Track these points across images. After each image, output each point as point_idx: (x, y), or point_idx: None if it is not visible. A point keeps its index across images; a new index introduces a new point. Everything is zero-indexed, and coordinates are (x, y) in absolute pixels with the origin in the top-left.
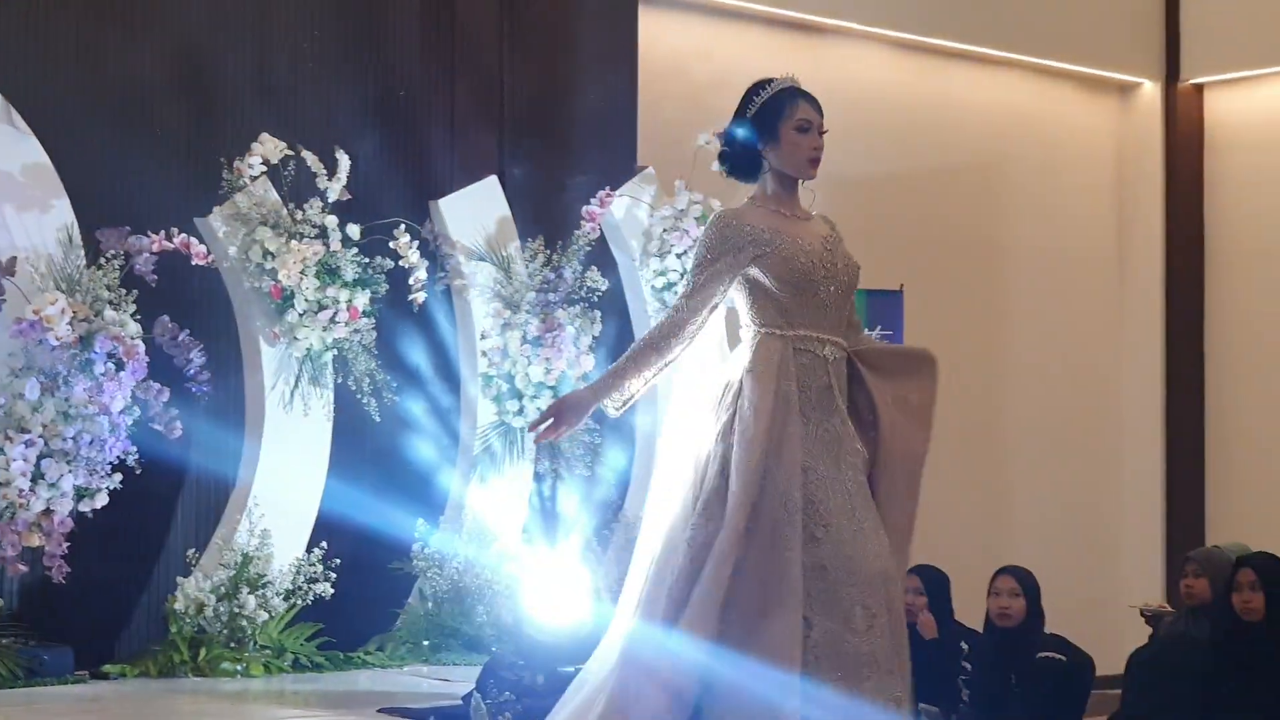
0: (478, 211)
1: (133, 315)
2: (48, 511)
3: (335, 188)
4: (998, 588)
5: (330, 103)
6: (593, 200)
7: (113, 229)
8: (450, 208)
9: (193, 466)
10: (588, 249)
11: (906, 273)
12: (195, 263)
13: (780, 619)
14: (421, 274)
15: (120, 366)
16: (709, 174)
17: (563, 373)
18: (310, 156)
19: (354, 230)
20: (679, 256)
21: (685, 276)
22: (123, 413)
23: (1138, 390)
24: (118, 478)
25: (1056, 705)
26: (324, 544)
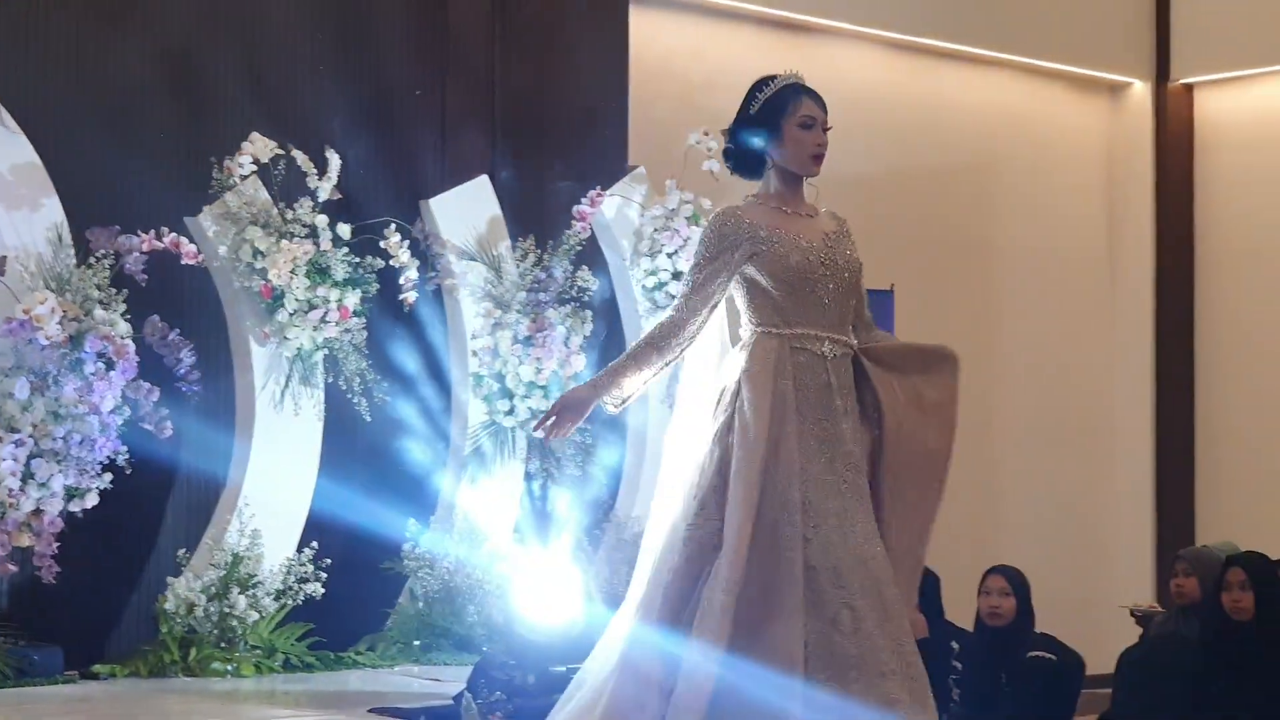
0: (468, 211)
1: (123, 315)
2: (38, 511)
3: (325, 187)
4: (988, 587)
5: (321, 102)
6: (583, 200)
7: (103, 228)
8: (441, 207)
9: (183, 466)
10: (578, 248)
11: (897, 272)
12: (185, 262)
13: (782, 622)
14: (412, 273)
15: (110, 366)
16: (700, 173)
17: (553, 372)
18: (300, 156)
19: (344, 230)
20: (670, 256)
21: (685, 276)
22: (113, 412)
23: (1128, 390)
24: (108, 477)
25: (1047, 704)
26: (315, 544)
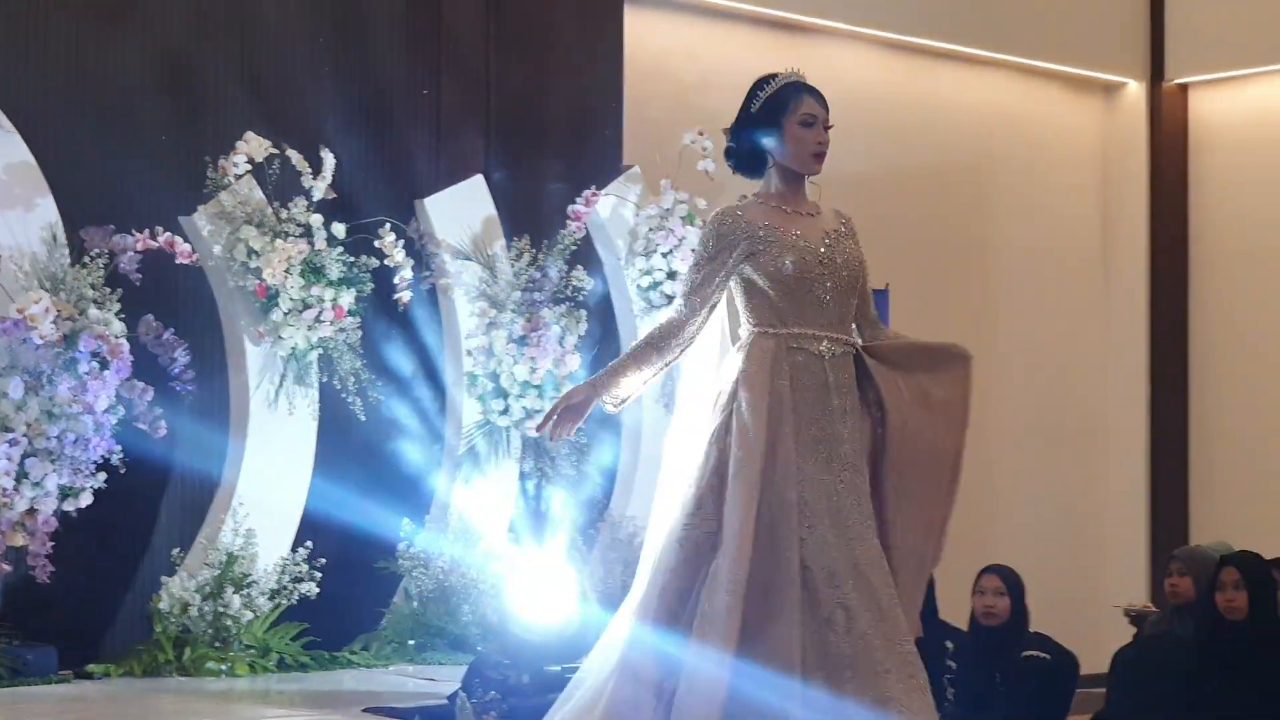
0: (463, 210)
1: (117, 314)
2: (32, 511)
3: (320, 186)
4: (983, 586)
5: (315, 102)
6: (578, 199)
7: (97, 227)
8: (436, 207)
9: (177, 466)
10: (573, 248)
11: (893, 272)
12: (180, 261)
13: (780, 623)
14: (407, 273)
15: (104, 365)
16: (695, 173)
17: (548, 372)
18: (295, 155)
19: (339, 229)
20: (664, 256)
21: (685, 276)
22: (107, 412)
23: (1123, 389)
24: (102, 477)
25: (1041, 704)
26: (309, 543)
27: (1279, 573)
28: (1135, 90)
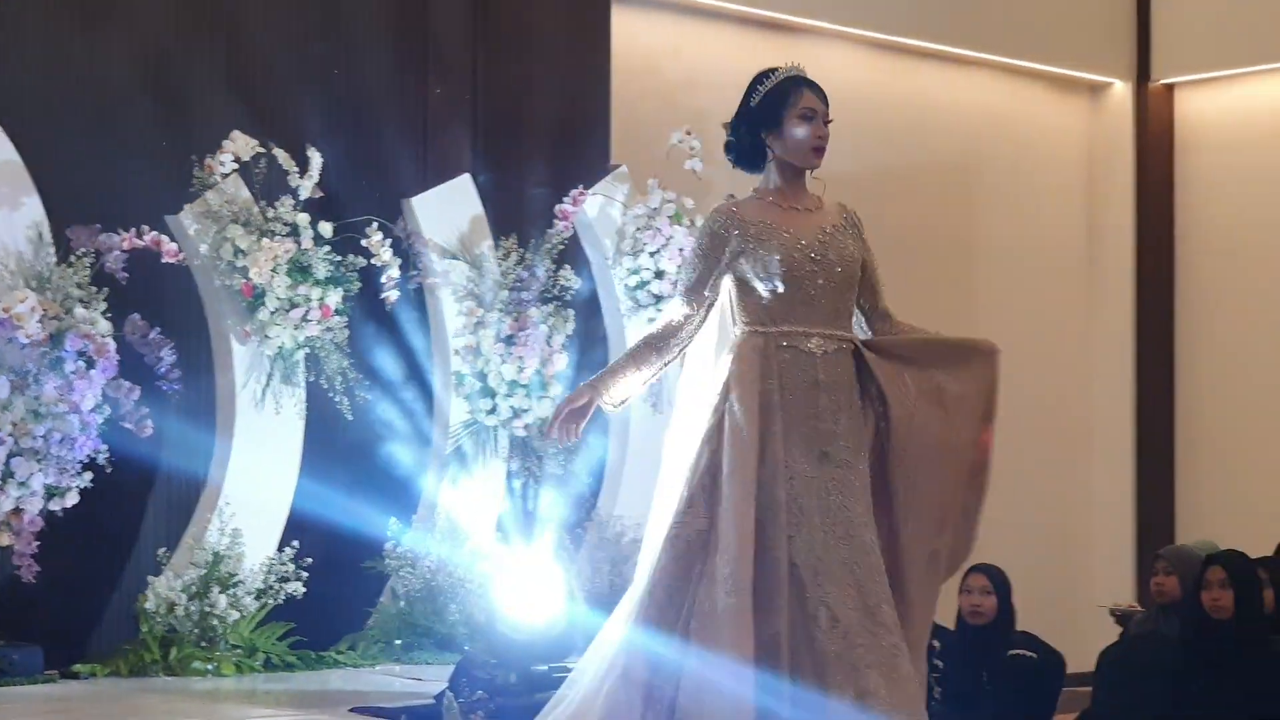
0: (450, 210)
1: (103, 313)
2: (17, 510)
3: (307, 185)
4: (969, 585)
5: (302, 100)
6: (565, 199)
7: (83, 226)
8: (423, 206)
9: (164, 465)
10: (560, 247)
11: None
12: (166, 260)
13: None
14: (394, 272)
15: (91, 364)
16: (682, 172)
17: (535, 371)
18: (282, 154)
19: (326, 228)
20: (652, 255)
21: (682, 275)
22: (93, 411)
23: (1108, 389)
24: (88, 476)
25: (1028, 703)
26: (296, 543)
27: (1265, 571)
28: (1121, 90)
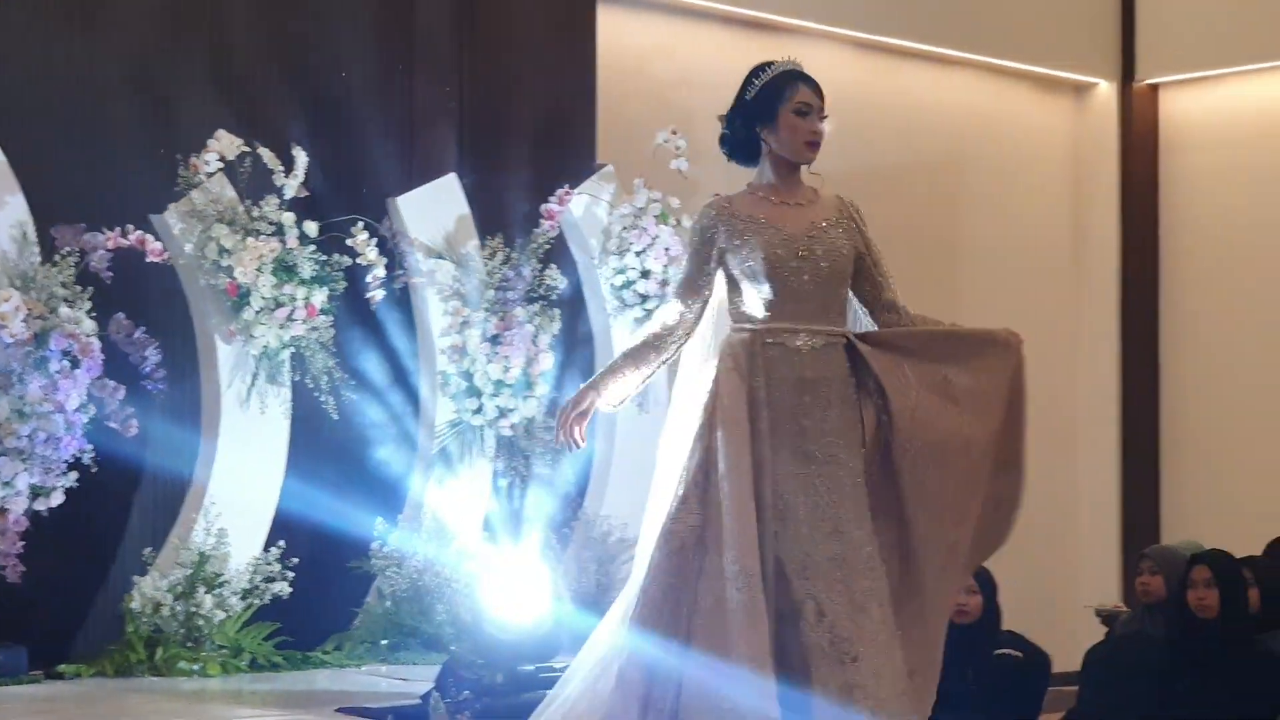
0: (436, 209)
1: (88, 312)
2: (2, 510)
3: (292, 185)
4: None
5: (287, 100)
6: (551, 198)
7: (68, 226)
8: (408, 205)
9: (149, 465)
10: (546, 247)
11: None
12: (151, 260)
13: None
14: (379, 272)
15: (75, 364)
16: (668, 172)
17: (521, 371)
18: (267, 153)
19: (311, 227)
20: (638, 255)
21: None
22: (78, 410)
23: (1093, 389)
24: (73, 476)
25: (1013, 702)
26: (281, 543)
27: (1250, 571)
28: (1106, 90)
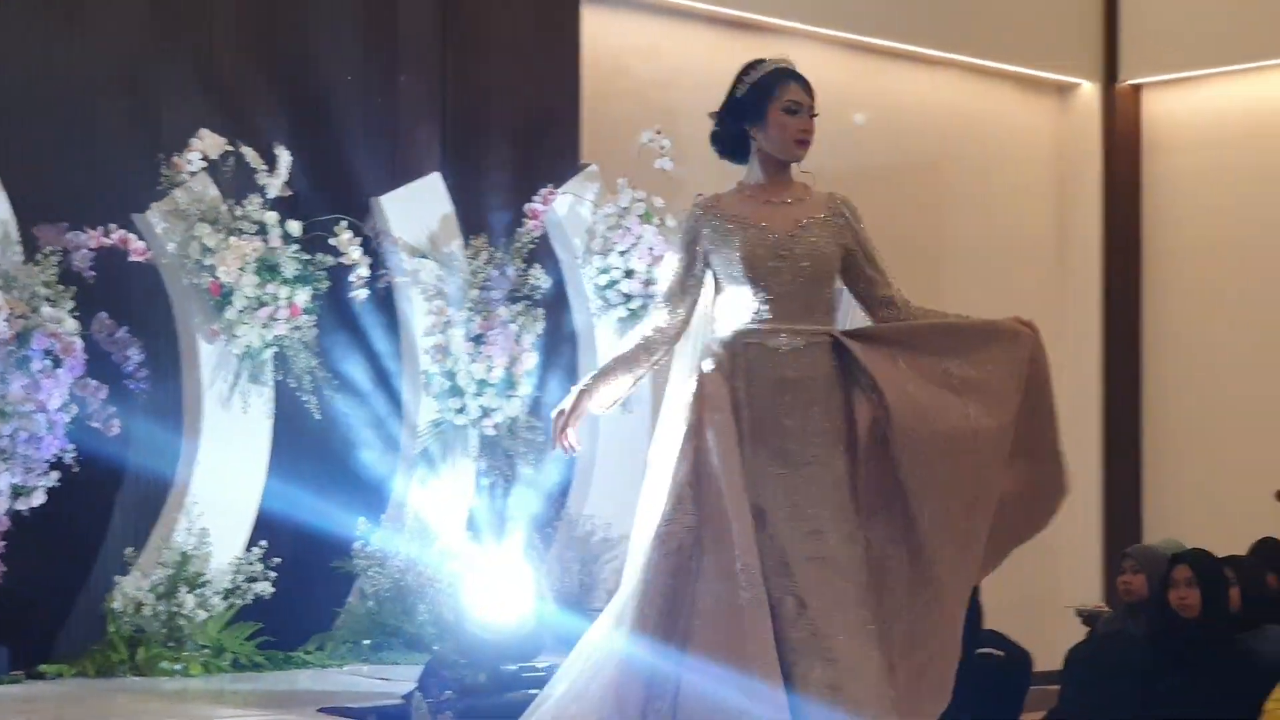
0: (420, 209)
1: (70, 312)
2: None
3: (275, 184)
4: None
5: (270, 99)
6: (535, 198)
7: (50, 225)
8: (392, 205)
9: (131, 465)
10: (530, 246)
11: None
12: (133, 259)
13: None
14: (363, 271)
15: (57, 364)
16: (652, 172)
17: (504, 370)
18: (250, 152)
19: (294, 227)
20: (622, 254)
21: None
22: (60, 410)
23: (1076, 388)
24: (55, 476)
25: (995, 701)
26: (264, 542)
27: (1231, 570)
28: (1089, 91)
